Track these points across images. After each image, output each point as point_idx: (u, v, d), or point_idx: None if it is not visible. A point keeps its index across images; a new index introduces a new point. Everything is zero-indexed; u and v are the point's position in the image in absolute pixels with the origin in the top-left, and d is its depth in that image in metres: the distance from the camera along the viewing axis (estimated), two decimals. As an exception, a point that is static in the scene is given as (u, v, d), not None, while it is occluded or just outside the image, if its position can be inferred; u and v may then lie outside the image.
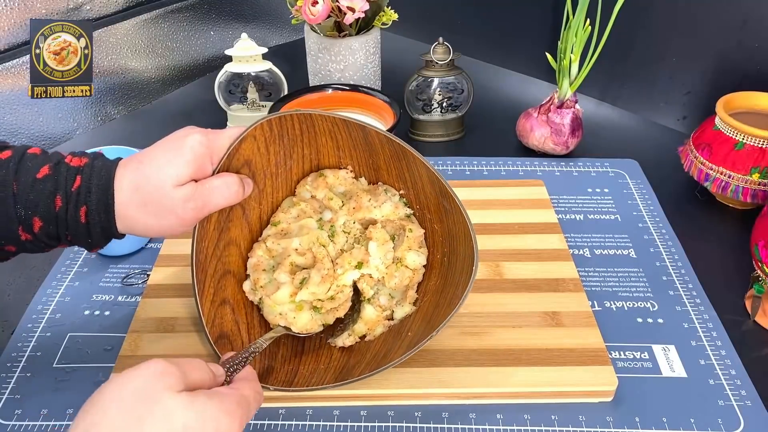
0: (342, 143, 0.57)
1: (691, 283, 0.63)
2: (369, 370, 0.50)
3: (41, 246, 0.47)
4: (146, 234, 0.48)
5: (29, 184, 0.45)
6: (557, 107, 0.80)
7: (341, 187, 0.59)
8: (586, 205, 0.74)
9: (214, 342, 0.51)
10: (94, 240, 0.47)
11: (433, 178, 0.54)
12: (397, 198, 0.58)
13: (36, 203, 0.45)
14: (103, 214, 0.46)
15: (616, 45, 0.79)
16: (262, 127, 0.52)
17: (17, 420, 0.51)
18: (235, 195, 0.49)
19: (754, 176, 0.68)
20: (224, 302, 0.54)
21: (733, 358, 0.55)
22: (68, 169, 0.46)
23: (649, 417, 0.51)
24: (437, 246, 0.57)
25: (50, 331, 0.59)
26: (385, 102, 0.82)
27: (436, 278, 0.56)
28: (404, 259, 0.56)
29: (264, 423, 0.51)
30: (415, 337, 0.51)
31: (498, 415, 0.51)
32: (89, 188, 0.45)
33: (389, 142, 0.53)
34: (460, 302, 0.50)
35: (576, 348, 0.54)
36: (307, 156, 0.57)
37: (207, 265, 0.53)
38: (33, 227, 0.45)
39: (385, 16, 0.87)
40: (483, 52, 1.03)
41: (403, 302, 0.55)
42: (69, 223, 0.45)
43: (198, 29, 1.01)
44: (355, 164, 0.58)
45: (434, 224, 0.57)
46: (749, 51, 0.77)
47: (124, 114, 0.94)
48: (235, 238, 0.55)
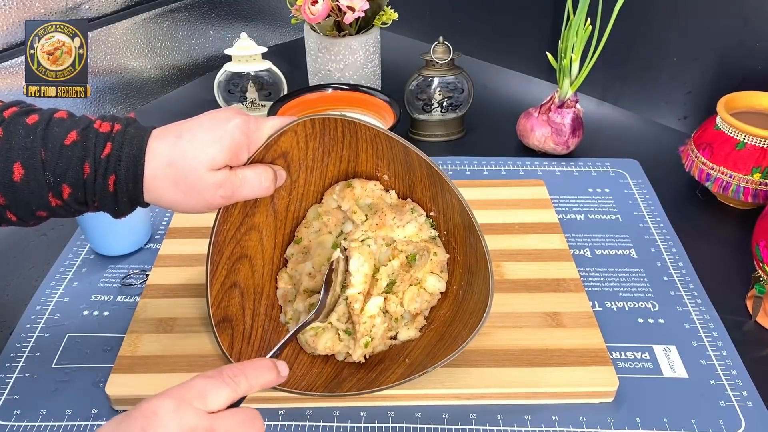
0: (382, 153, 0.56)
1: (692, 283, 0.63)
2: (357, 388, 0.50)
3: (71, 211, 0.46)
4: (171, 208, 0.47)
5: (57, 150, 0.44)
6: (558, 107, 0.80)
7: (368, 199, 0.58)
8: (587, 205, 0.74)
9: (215, 324, 0.51)
10: (120, 208, 0.46)
11: (463, 211, 0.53)
12: (423, 219, 0.57)
13: (64, 170, 0.44)
14: (131, 184, 0.45)
15: (616, 44, 0.79)
16: (305, 125, 0.52)
17: (16, 420, 0.51)
18: (266, 190, 0.49)
19: (755, 176, 0.67)
20: (234, 285, 0.54)
21: (735, 359, 0.55)
22: (97, 135, 0.45)
23: (650, 417, 0.51)
24: (456, 276, 0.56)
25: (49, 331, 0.59)
26: (385, 102, 0.81)
27: (448, 309, 0.55)
28: (424, 281, 0.55)
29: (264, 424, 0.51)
30: (411, 365, 0.51)
31: (498, 415, 0.51)
32: (119, 157, 0.44)
33: (427, 165, 0.53)
34: (463, 345, 0.49)
35: (577, 348, 0.54)
36: (345, 157, 0.57)
37: (224, 247, 0.53)
38: (62, 194, 0.45)
39: (385, 15, 0.87)
40: (483, 52, 1.03)
41: (410, 325, 0.54)
42: (96, 191, 0.45)
43: (197, 28, 1.01)
44: (392, 175, 0.58)
45: (457, 254, 0.56)
46: (750, 50, 0.77)
47: (123, 113, 0.94)
48: (258, 224, 0.55)
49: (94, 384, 0.54)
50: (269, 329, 0.54)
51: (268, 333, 0.54)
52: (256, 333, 0.54)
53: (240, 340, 0.52)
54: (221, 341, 0.51)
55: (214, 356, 0.54)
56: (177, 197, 0.46)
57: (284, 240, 0.58)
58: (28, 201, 0.44)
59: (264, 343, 0.53)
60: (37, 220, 0.47)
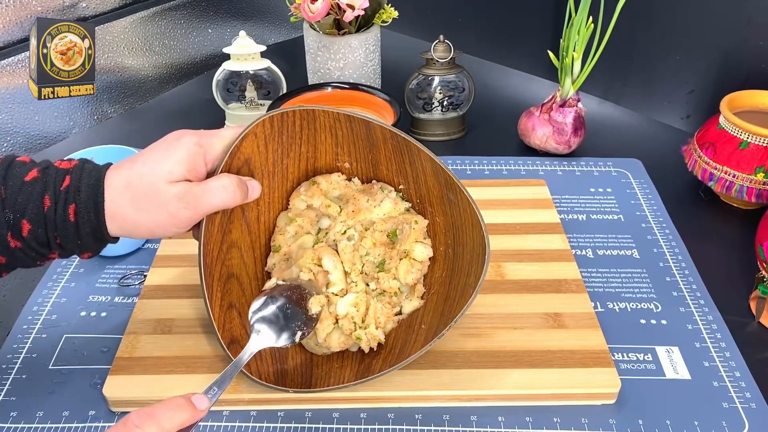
0: (342, 139, 0.56)
1: (695, 284, 0.63)
2: (388, 366, 0.49)
3: (32, 255, 0.46)
4: (137, 233, 0.47)
5: (17, 187, 0.44)
6: (559, 106, 0.79)
7: (336, 191, 0.58)
8: (589, 205, 0.73)
9: (227, 347, 0.50)
10: (84, 242, 0.46)
11: (437, 170, 0.53)
12: (394, 194, 0.58)
13: (24, 205, 0.44)
14: (93, 213, 0.45)
15: (618, 43, 0.79)
16: (263, 124, 0.52)
17: (12, 422, 0.50)
18: (231, 197, 0.48)
19: (758, 176, 0.67)
20: (231, 306, 0.53)
21: (738, 360, 0.55)
22: (57, 171, 0.46)
23: (652, 419, 0.50)
24: (439, 238, 0.56)
25: (46, 332, 0.58)
26: (385, 101, 0.81)
27: (441, 270, 0.55)
28: (411, 251, 0.56)
29: (263, 426, 0.50)
30: (430, 329, 0.51)
31: (499, 417, 0.51)
32: (78, 187, 0.45)
33: (393, 136, 0.53)
34: (476, 289, 0.49)
35: (578, 349, 0.54)
36: (303, 154, 0.57)
37: (213, 269, 0.52)
38: (22, 231, 0.44)
39: (385, 13, 0.86)
40: (484, 50, 1.02)
41: (411, 296, 0.55)
42: (57, 223, 0.45)
43: (196, 27, 1.00)
44: (353, 160, 0.58)
45: (436, 216, 0.56)
46: (754, 49, 0.77)
47: (120, 113, 0.94)
48: (236, 240, 0.55)
49: (92, 385, 0.53)
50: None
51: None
52: (264, 350, 0.52)
53: (254, 359, 0.51)
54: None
55: (213, 357, 0.54)
56: (141, 218, 0.46)
57: (262, 253, 0.57)
58: None
59: (275, 357, 0.52)
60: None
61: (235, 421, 0.51)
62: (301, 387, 0.50)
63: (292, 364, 0.53)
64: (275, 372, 0.51)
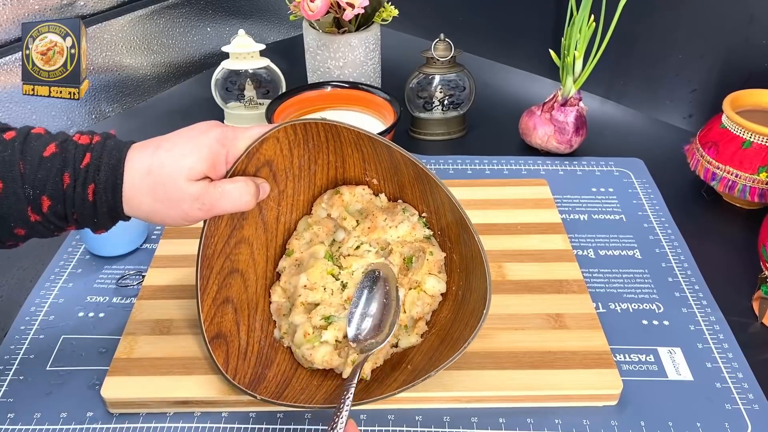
0: (367, 156, 0.55)
1: (697, 284, 0.62)
2: (358, 398, 0.48)
3: (50, 228, 0.46)
4: (150, 219, 0.47)
5: (36, 162, 0.44)
6: (561, 105, 0.79)
7: (358, 204, 0.57)
8: (591, 205, 0.73)
9: (209, 341, 0.50)
10: (100, 220, 0.46)
11: (454, 208, 0.51)
12: (416, 218, 0.56)
13: (44, 182, 0.44)
14: (110, 194, 0.45)
15: (620, 42, 0.78)
16: (286, 130, 0.51)
17: (10, 424, 0.50)
18: (245, 204, 0.48)
19: (761, 175, 0.67)
20: (227, 301, 0.53)
21: (740, 361, 0.55)
22: (76, 146, 0.45)
23: (654, 421, 0.50)
24: (454, 277, 0.55)
25: (43, 333, 0.58)
26: (386, 100, 0.81)
27: (448, 311, 0.54)
28: (423, 283, 0.54)
29: (262, 427, 0.50)
30: (413, 372, 0.49)
31: (500, 419, 0.50)
32: (98, 166, 0.45)
33: (413, 164, 0.51)
34: (465, 345, 0.47)
35: (580, 350, 0.53)
36: (332, 163, 0.56)
37: (213, 262, 0.51)
38: (42, 207, 0.44)
39: (385, 12, 0.86)
40: (485, 49, 1.02)
41: (411, 331, 0.53)
42: (76, 201, 0.45)
43: (194, 25, 1.00)
44: (380, 178, 0.57)
45: (453, 254, 0.55)
46: (756, 48, 0.76)
47: (119, 112, 0.93)
48: (247, 236, 0.54)
49: (90, 386, 0.53)
50: (266, 345, 0.53)
51: (265, 349, 0.53)
52: (252, 349, 0.52)
53: (236, 357, 0.51)
54: (215, 358, 0.50)
55: (208, 356, 0.53)
56: (155, 207, 0.46)
57: (276, 253, 0.57)
58: (6, 217, 0.44)
59: (260, 360, 0.52)
60: (15, 240, 0.46)
61: (234, 422, 0.50)
62: (272, 396, 0.49)
63: (275, 371, 0.51)
64: (252, 375, 0.50)
